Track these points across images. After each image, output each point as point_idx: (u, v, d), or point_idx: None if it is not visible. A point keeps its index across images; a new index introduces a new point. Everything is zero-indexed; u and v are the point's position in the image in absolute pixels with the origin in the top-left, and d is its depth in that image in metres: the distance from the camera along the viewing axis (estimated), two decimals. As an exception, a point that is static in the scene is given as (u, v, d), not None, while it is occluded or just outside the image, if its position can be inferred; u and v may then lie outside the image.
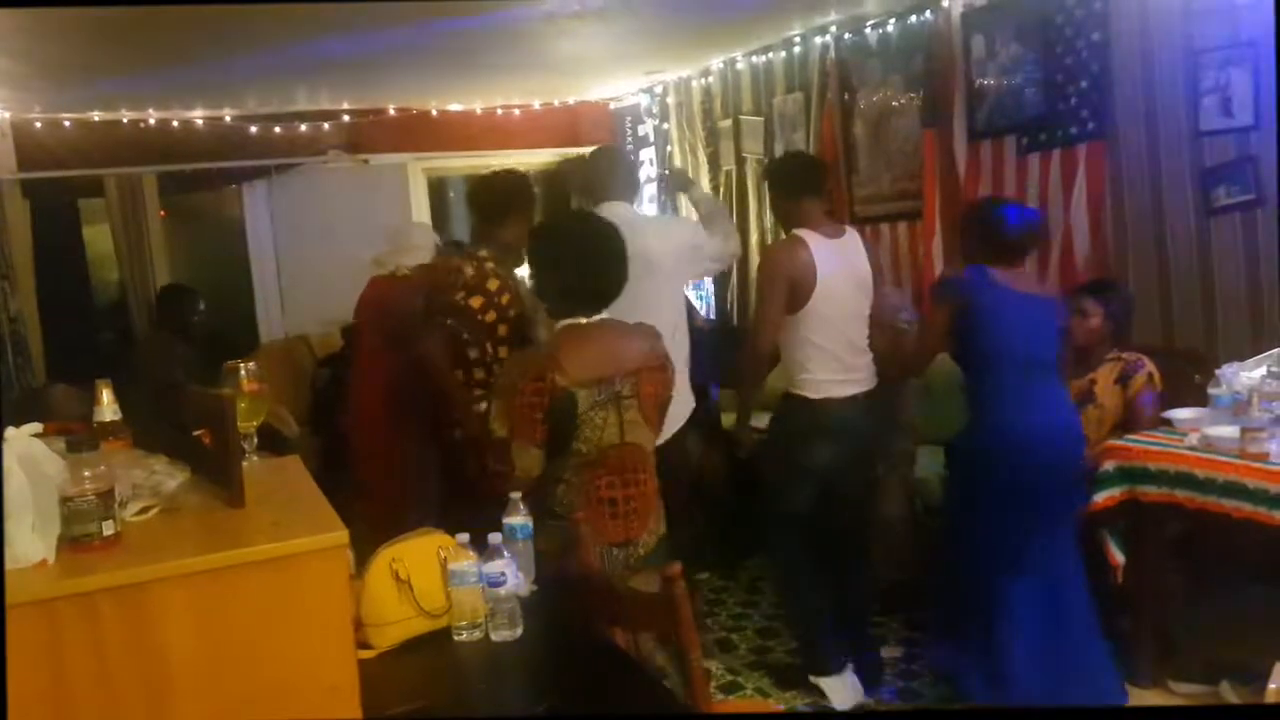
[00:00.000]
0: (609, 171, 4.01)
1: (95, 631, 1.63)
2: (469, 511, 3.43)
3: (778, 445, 3.95)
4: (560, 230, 3.08)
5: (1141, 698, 3.56)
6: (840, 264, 3.80)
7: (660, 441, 3.07)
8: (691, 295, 4.94)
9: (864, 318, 3.88)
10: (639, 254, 3.12)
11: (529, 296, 3.78)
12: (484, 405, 3.72)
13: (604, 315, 2.85)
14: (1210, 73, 4.04)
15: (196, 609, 1.67)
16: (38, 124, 6.58)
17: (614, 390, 2.77)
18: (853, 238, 3.93)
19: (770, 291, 3.75)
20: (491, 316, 3.79)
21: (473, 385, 3.81)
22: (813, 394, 3.79)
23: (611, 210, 3.63)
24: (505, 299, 3.81)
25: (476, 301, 3.77)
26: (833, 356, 3.79)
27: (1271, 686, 2.90)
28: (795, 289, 3.72)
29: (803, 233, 3.80)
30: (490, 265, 3.82)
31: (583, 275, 2.83)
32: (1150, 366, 3.95)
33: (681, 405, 3.73)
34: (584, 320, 2.82)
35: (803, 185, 3.93)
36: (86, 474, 1.73)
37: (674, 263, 3.88)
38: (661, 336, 2.98)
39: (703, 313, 6.72)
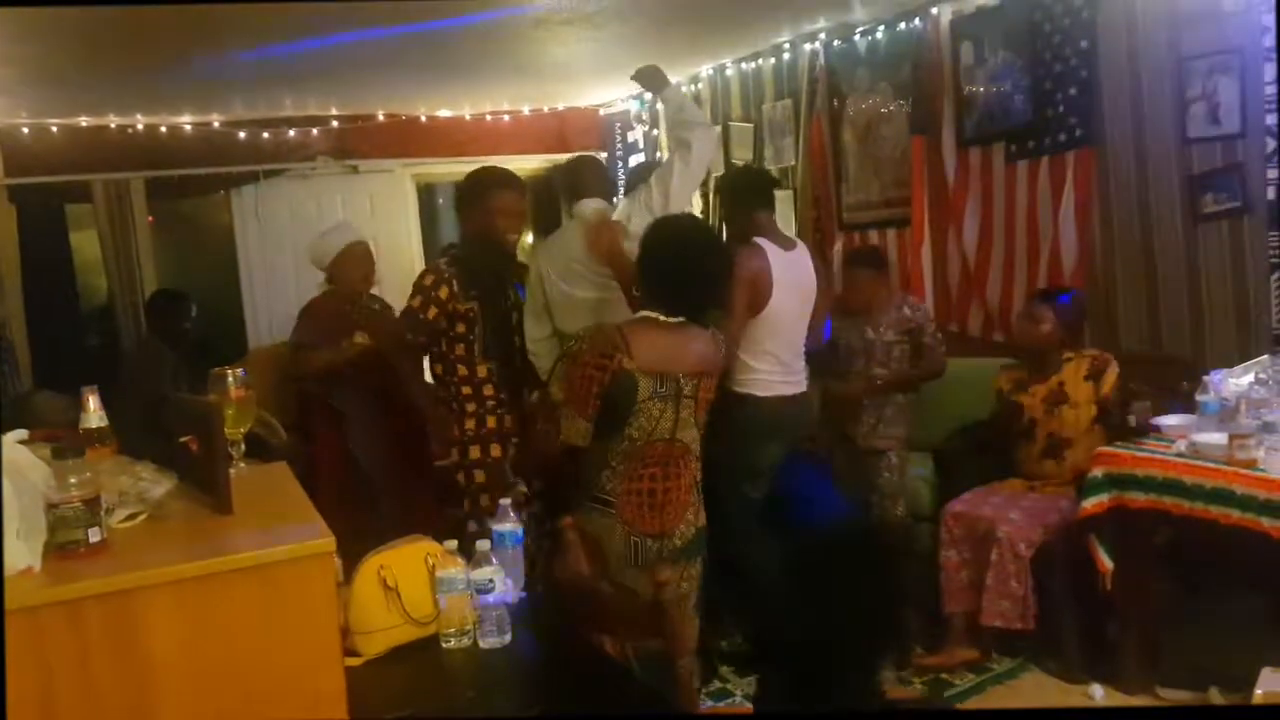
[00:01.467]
0: (588, 174, 4.09)
1: (81, 639, 1.61)
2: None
3: (730, 440, 3.90)
4: (668, 234, 3.07)
5: (1129, 705, 3.56)
6: (793, 274, 3.98)
7: None
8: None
9: (806, 324, 4.09)
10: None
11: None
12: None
13: (681, 319, 2.92)
14: (1198, 80, 4.06)
15: (183, 616, 1.66)
16: (24, 129, 6.54)
17: (677, 386, 2.87)
18: (802, 250, 4.11)
19: (737, 294, 3.81)
20: (433, 312, 3.75)
21: (457, 386, 3.83)
22: (761, 392, 3.95)
23: (592, 205, 3.84)
24: (444, 294, 3.76)
25: (415, 301, 3.77)
26: (779, 359, 3.97)
27: (1258, 692, 2.91)
28: (755, 295, 3.85)
29: (762, 242, 3.94)
30: (442, 264, 3.90)
31: (678, 281, 2.91)
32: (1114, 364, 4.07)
33: None
34: (661, 317, 2.89)
35: (757, 198, 4.12)
36: (72, 481, 1.72)
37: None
38: (723, 343, 3.10)
39: None
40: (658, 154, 7.55)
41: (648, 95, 7.56)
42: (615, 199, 4.39)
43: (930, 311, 4.74)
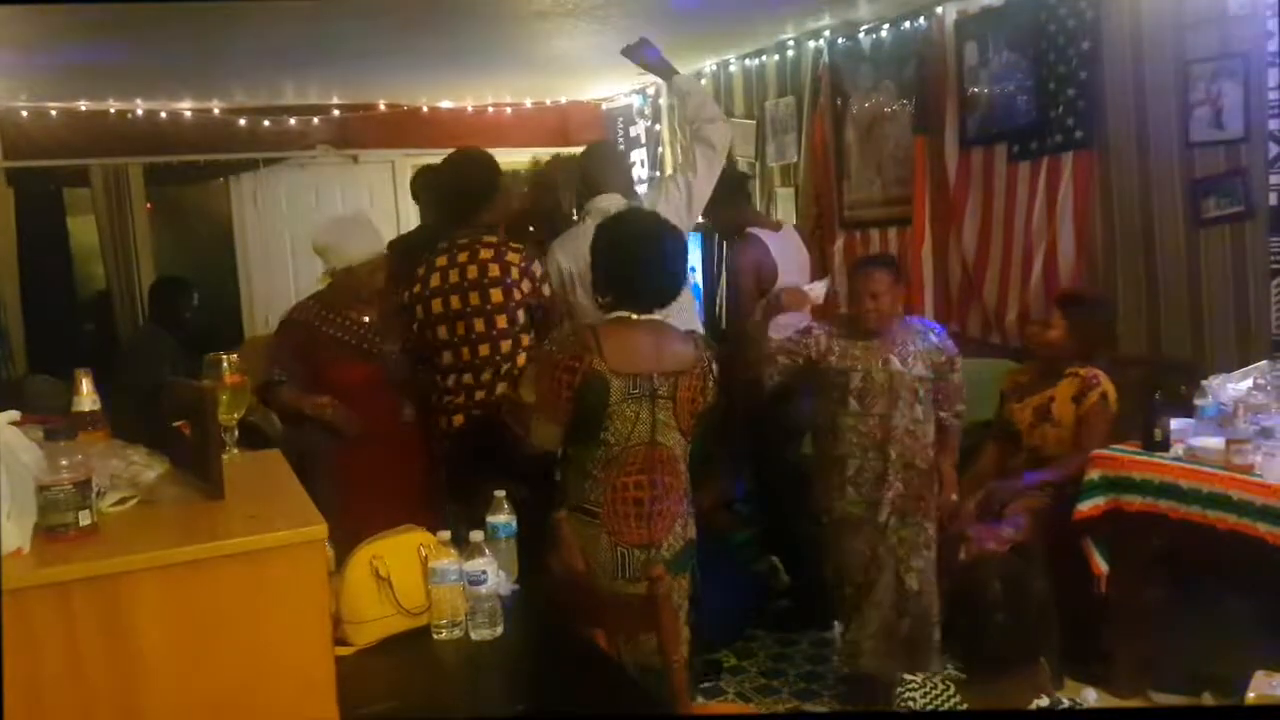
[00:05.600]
0: (604, 165, 4.03)
1: (69, 622, 1.60)
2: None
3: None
4: (622, 228, 3.02)
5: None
6: (788, 251, 4.28)
7: None
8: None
9: None
10: None
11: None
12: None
13: (654, 315, 2.87)
14: (1201, 83, 4.05)
15: (172, 601, 1.65)
16: (24, 112, 6.54)
17: (651, 387, 2.78)
18: (788, 229, 4.39)
19: (745, 284, 4.07)
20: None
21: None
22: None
23: (610, 201, 3.72)
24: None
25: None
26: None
27: (1250, 696, 2.90)
28: (761, 279, 4.11)
29: (754, 231, 4.23)
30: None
31: (638, 275, 2.85)
32: (1105, 385, 3.90)
33: None
34: (634, 316, 2.83)
35: (736, 194, 4.40)
36: (64, 463, 1.71)
37: None
38: (712, 348, 3.01)
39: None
40: (659, 148, 7.55)
41: (650, 90, 7.58)
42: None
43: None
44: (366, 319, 3.69)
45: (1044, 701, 2.20)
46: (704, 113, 3.91)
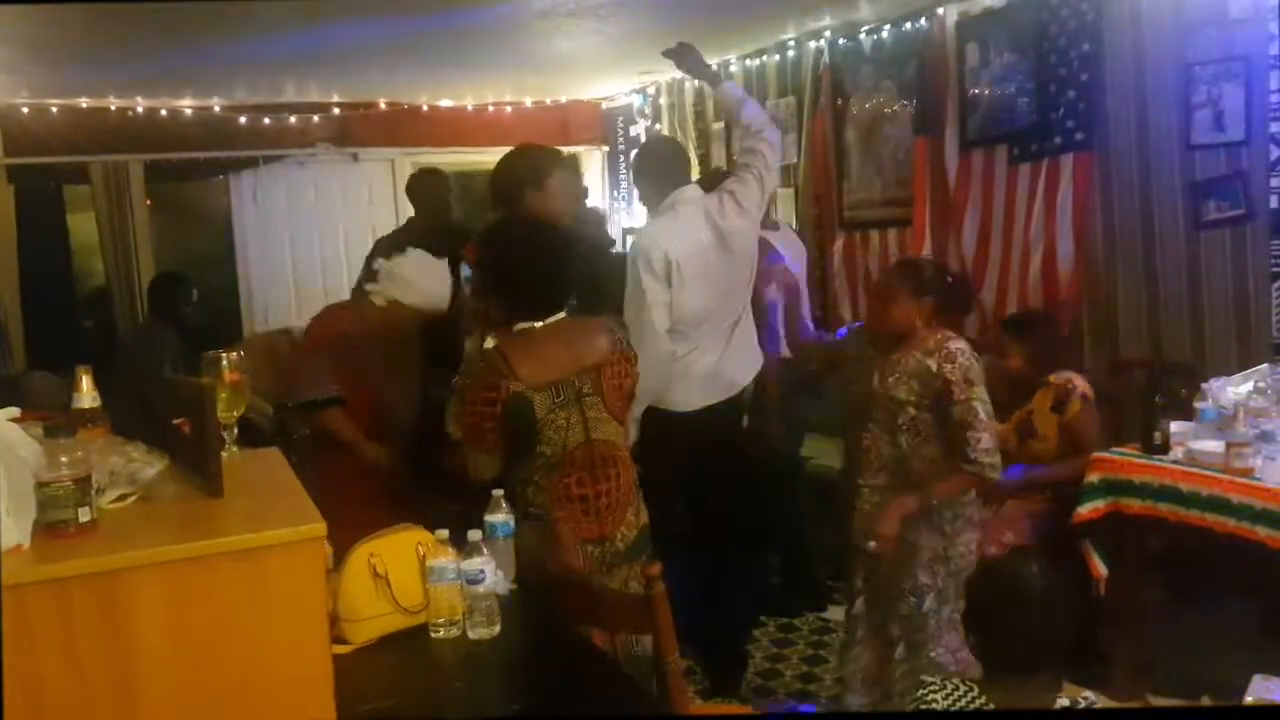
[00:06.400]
0: (674, 158, 4.10)
1: (68, 618, 1.60)
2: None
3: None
4: (503, 238, 2.95)
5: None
6: (793, 251, 4.77)
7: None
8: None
9: None
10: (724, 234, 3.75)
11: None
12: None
13: (559, 315, 2.79)
14: (1202, 86, 4.05)
15: (171, 598, 1.64)
16: (24, 109, 6.53)
17: (575, 390, 2.73)
18: (785, 228, 4.93)
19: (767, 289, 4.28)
20: None
21: None
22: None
23: (687, 193, 3.85)
24: None
25: None
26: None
27: (1248, 700, 2.90)
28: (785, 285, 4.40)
29: (763, 234, 4.30)
30: None
31: (530, 281, 2.77)
32: (1082, 387, 3.88)
33: (749, 364, 3.97)
34: (536, 324, 2.75)
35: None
36: (63, 460, 1.70)
37: (747, 240, 3.93)
38: (623, 327, 2.99)
39: None
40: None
41: (650, 90, 7.58)
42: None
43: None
44: (395, 352, 3.65)
45: (1065, 701, 2.19)
46: (755, 122, 3.97)
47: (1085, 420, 3.86)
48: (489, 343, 2.77)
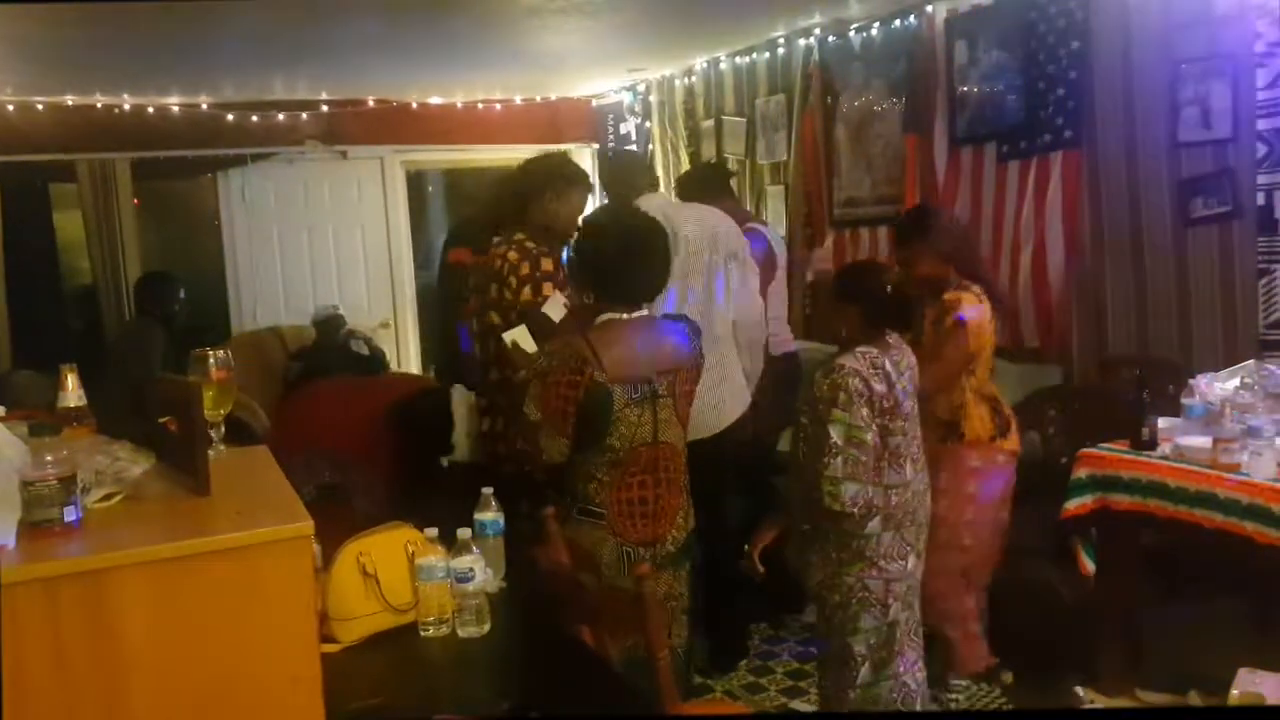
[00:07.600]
0: (633, 170, 4.21)
1: (55, 617, 1.59)
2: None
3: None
4: (608, 224, 3.02)
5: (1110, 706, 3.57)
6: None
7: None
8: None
9: None
10: (678, 240, 3.58)
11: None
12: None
13: (643, 311, 2.84)
14: (1190, 84, 4.06)
15: (157, 597, 1.64)
16: (9, 106, 6.49)
17: (651, 389, 2.76)
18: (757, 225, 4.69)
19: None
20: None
21: None
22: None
23: (651, 200, 3.81)
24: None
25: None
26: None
27: (1234, 693, 2.91)
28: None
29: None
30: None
31: (629, 270, 2.81)
32: (971, 309, 3.49)
33: (736, 399, 3.91)
34: (624, 316, 2.79)
35: (721, 189, 4.62)
36: (48, 459, 1.69)
37: (709, 248, 3.85)
38: (700, 332, 3.00)
39: None
40: (649, 145, 7.54)
41: (640, 87, 7.58)
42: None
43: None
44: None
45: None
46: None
47: (946, 339, 3.47)
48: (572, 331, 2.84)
